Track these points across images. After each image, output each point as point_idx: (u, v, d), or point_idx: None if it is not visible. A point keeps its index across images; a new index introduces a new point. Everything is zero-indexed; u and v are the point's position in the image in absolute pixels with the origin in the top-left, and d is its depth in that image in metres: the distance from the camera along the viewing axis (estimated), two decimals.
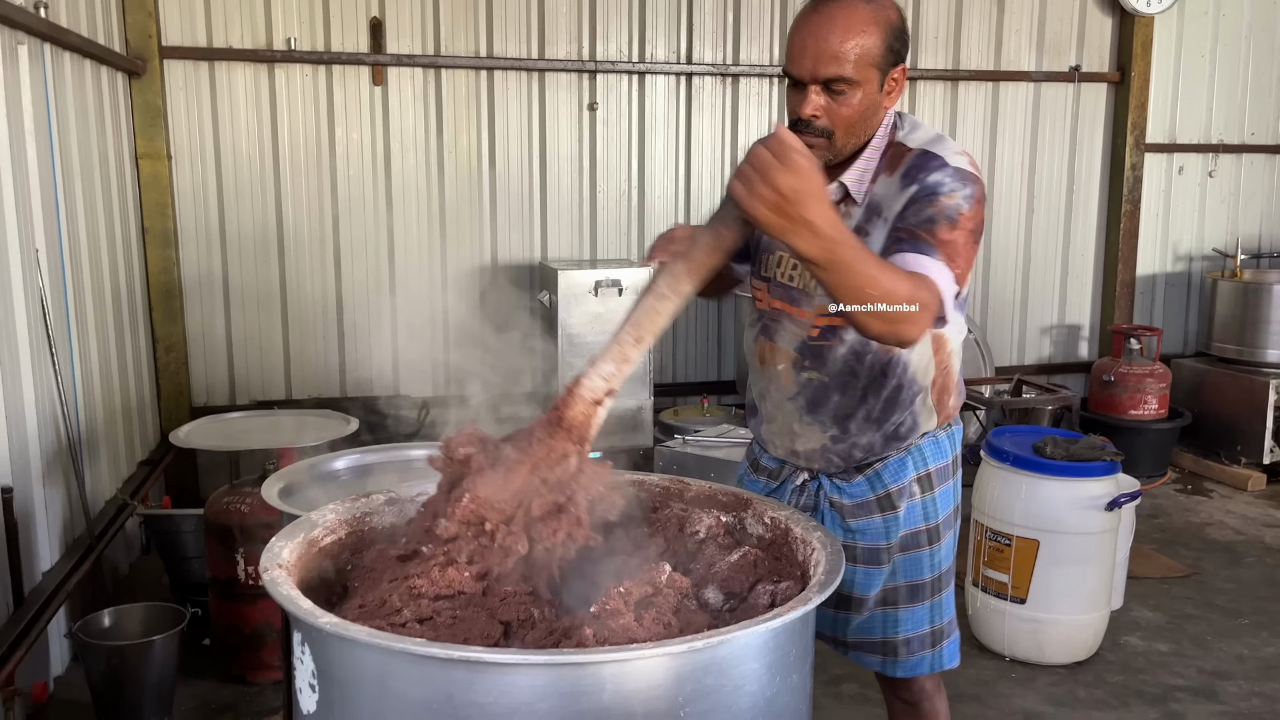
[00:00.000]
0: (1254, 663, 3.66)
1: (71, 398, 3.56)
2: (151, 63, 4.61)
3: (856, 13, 1.82)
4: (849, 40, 1.81)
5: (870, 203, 1.93)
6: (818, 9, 1.84)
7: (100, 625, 3.13)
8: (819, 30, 1.81)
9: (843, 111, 1.85)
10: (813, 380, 2.02)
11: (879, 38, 1.83)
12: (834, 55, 1.81)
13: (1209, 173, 6.33)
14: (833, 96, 1.84)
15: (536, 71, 5.21)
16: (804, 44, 1.83)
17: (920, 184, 1.84)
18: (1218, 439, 5.84)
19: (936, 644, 2.13)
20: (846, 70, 1.82)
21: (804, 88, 1.85)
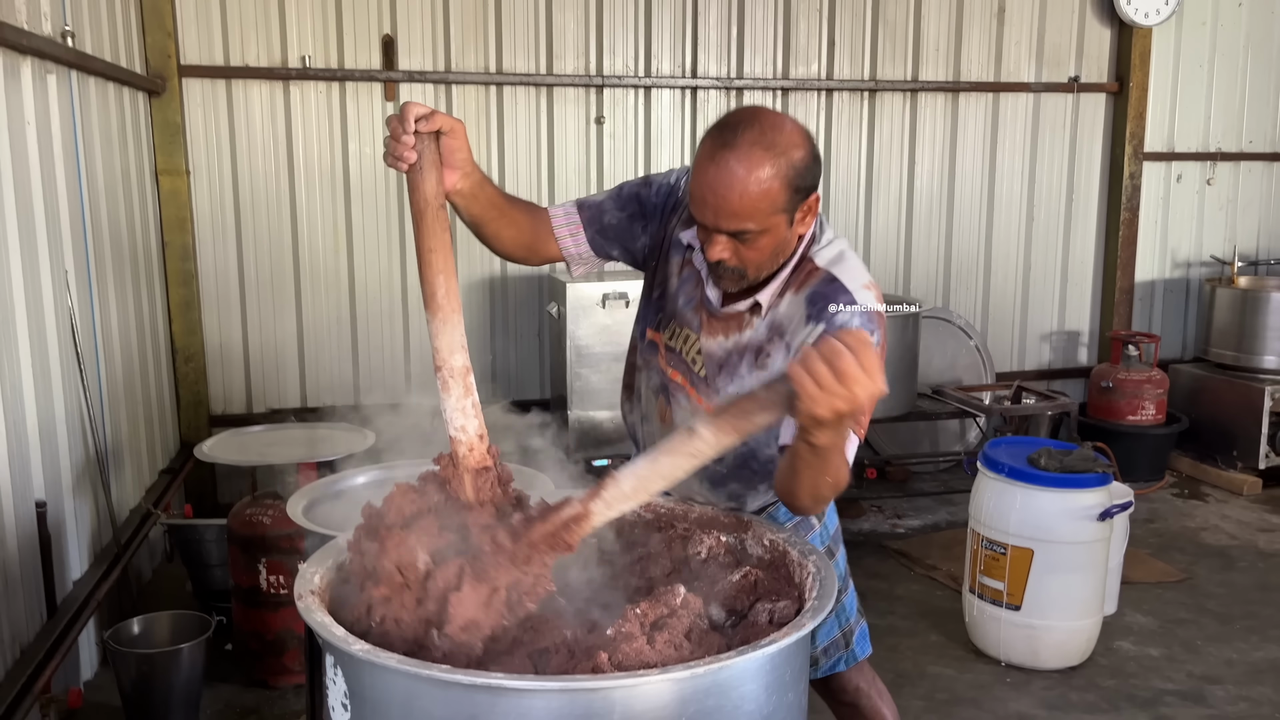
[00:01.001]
0: (1243, 667, 3.77)
1: (98, 411, 3.69)
2: (171, 81, 4.73)
3: (754, 167, 1.73)
4: (748, 197, 1.74)
5: (773, 320, 1.92)
6: (715, 160, 1.75)
7: (130, 633, 3.26)
8: (717, 187, 1.75)
9: (750, 254, 1.83)
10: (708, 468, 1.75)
11: (780, 185, 1.76)
12: (734, 212, 1.76)
13: (1207, 181, 6.42)
14: (740, 241, 1.81)
15: (545, 86, 5.32)
16: (703, 197, 1.77)
17: (828, 323, 1.82)
18: (1214, 444, 5.94)
19: (848, 644, 2.27)
20: (749, 224, 1.78)
21: (706, 228, 1.81)
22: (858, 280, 1.88)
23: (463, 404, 1.77)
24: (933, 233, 5.95)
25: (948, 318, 5.91)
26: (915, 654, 3.83)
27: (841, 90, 5.71)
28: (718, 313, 1.98)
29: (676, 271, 2.05)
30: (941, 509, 5.35)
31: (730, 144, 1.75)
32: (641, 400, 2.23)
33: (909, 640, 3.93)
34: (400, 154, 1.72)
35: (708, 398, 2.00)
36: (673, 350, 2.06)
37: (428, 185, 1.76)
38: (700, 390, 2.02)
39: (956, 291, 6.10)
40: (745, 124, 1.77)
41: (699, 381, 2.02)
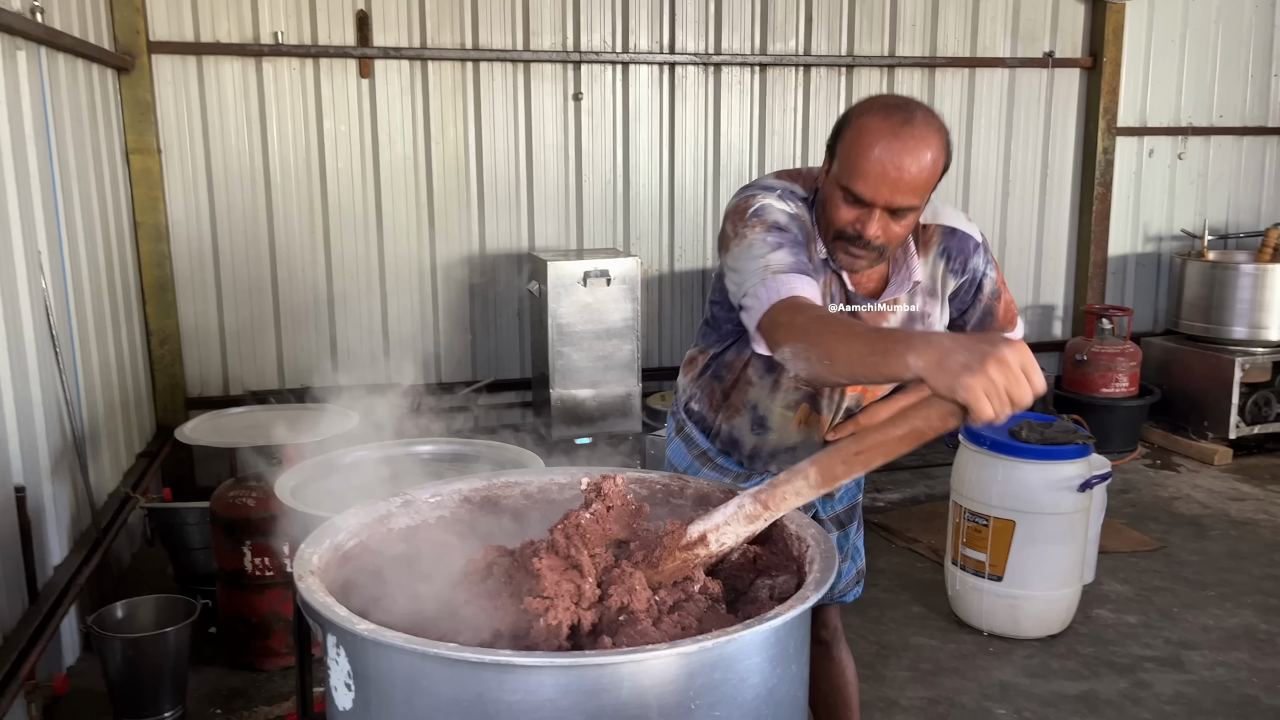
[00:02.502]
0: (1218, 633, 3.84)
1: (75, 395, 3.64)
2: (140, 59, 4.64)
3: (933, 144, 1.80)
4: (925, 173, 1.80)
5: (922, 287, 2.08)
6: (899, 134, 1.78)
7: (114, 617, 3.23)
8: (902, 162, 1.77)
9: (898, 230, 1.88)
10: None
11: (942, 164, 1.84)
12: (911, 187, 1.80)
13: (1178, 155, 6.48)
14: (894, 219, 1.85)
15: (521, 63, 5.28)
16: (884, 173, 1.78)
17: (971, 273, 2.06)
18: (1186, 415, 6.04)
19: (859, 580, 2.47)
20: (917, 200, 1.84)
21: (868, 207, 1.83)
22: (959, 219, 2.07)
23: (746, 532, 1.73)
24: None
25: None
26: (898, 625, 3.88)
27: (819, 66, 5.71)
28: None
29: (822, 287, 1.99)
30: (920, 482, 5.40)
31: (910, 121, 1.79)
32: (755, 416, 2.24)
33: (892, 612, 3.97)
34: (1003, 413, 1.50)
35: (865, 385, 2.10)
36: None
37: None
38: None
39: None
40: (914, 105, 1.84)
41: None
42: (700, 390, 2.36)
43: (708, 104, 5.60)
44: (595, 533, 1.68)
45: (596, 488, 1.75)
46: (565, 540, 1.62)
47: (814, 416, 2.20)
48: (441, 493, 2.11)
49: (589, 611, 1.56)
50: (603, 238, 5.55)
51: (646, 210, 5.59)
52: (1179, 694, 3.42)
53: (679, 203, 5.61)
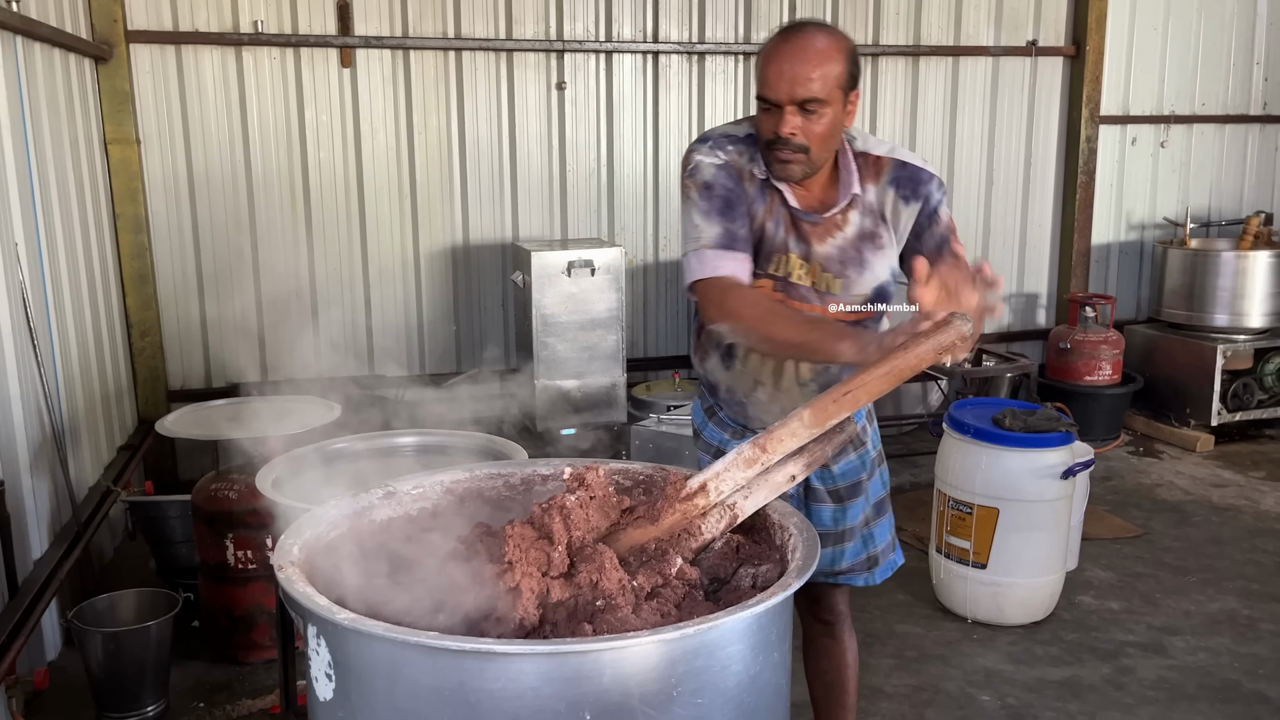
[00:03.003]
0: (1200, 618, 3.87)
1: (54, 388, 3.60)
2: (118, 48, 4.59)
3: (823, 42, 2.05)
4: (820, 66, 2.03)
5: (867, 209, 2.19)
6: (789, 39, 2.06)
7: (95, 611, 3.20)
8: (794, 57, 2.03)
9: (816, 129, 2.07)
10: (834, 368, 2.21)
11: (843, 64, 2.06)
12: (808, 79, 2.03)
13: (1161, 143, 6.51)
14: (806, 116, 2.05)
15: (504, 52, 5.25)
16: (780, 70, 2.04)
17: (923, 200, 2.18)
18: (1168, 402, 6.07)
19: (895, 547, 2.53)
20: (820, 92, 2.03)
21: (779, 110, 2.05)
22: (916, 159, 2.22)
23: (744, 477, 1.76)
24: None
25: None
26: (883, 613, 3.89)
27: None
28: (818, 220, 2.19)
29: (765, 215, 2.20)
30: (905, 471, 5.41)
31: (801, 27, 2.09)
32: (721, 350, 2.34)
33: (877, 600, 3.98)
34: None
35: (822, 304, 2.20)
36: (778, 278, 2.21)
37: None
38: (813, 300, 2.20)
39: None
40: (807, 22, 2.15)
41: (811, 294, 2.21)
42: (695, 342, 2.46)
43: (692, 93, 5.59)
44: (579, 516, 1.68)
45: (579, 478, 1.75)
46: (542, 512, 1.62)
47: None
48: (424, 484, 2.10)
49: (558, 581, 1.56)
50: (587, 228, 5.53)
51: (631, 200, 5.57)
52: (1161, 679, 3.45)
53: (663, 192, 5.59)
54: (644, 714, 1.44)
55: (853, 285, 2.20)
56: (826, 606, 2.52)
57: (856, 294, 2.20)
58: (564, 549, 1.59)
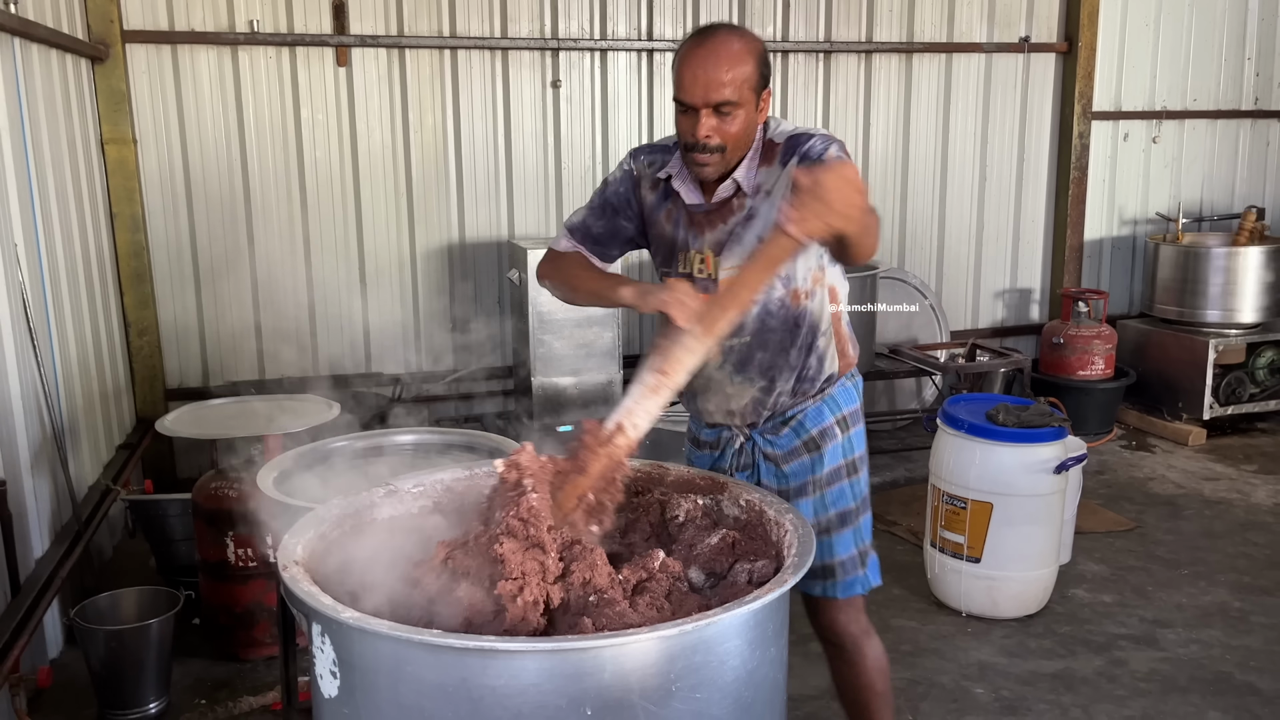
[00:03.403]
0: (1192, 611, 3.91)
1: (54, 387, 3.62)
2: (114, 48, 4.60)
3: (735, 46, 2.12)
4: (732, 70, 2.10)
5: (755, 187, 2.24)
6: (702, 44, 2.13)
7: (97, 610, 3.23)
8: (707, 62, 2.10)
9: (730, 129, 2.14)
10: (735, 345, 2.29)
11: (754, 65, 2.13)
12: (721, 83, 2.09)
13: (1153, 139, 6.54)
14: (721, 118, 2.12)
15: (499, 50, 5.26)
16: (694, 75, 2.11)
17: (801, 155, 2.18)
18: (1160, 396, 6.11)
19: (864, 564, 2.45)
20: (732, 95, 2.10)
21: (695, 113, 2.13)
22: (814, 128, 2.26)
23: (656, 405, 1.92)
24: (888, 194, 6.00)
25: (903, 278, 5.98)
26: (879, 607, 3.92)
27: (797, 52, 5.72)
28: (710, 207, 2.26)
29: (665, 219, 2.34)
30: (900, 466, 5.44)
31: (712, 32, 2.15)
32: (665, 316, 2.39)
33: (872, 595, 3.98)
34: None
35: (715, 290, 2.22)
36: (684, 276, 2.27)
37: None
38: (711, 289, 2.21)
39: (911, 252, 6.17)
40: (719, 25, 2.21)
41: (709, 284, 2.25)
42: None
43: None
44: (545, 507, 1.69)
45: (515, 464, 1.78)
46: (522, 523, 1.64)
47: None
48: (424, 483, 2.13)
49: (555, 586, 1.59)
50: None
51: None
52: (1154, 671, 3.48)
53: None
54: (644, 709, 1.48)
55: (725, 261, 2.26)
56: (825, 625, 2.49)
57: (728, 266, 2.24)
58: (556, 554, 1.62)
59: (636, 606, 1.57)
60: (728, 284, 2.02)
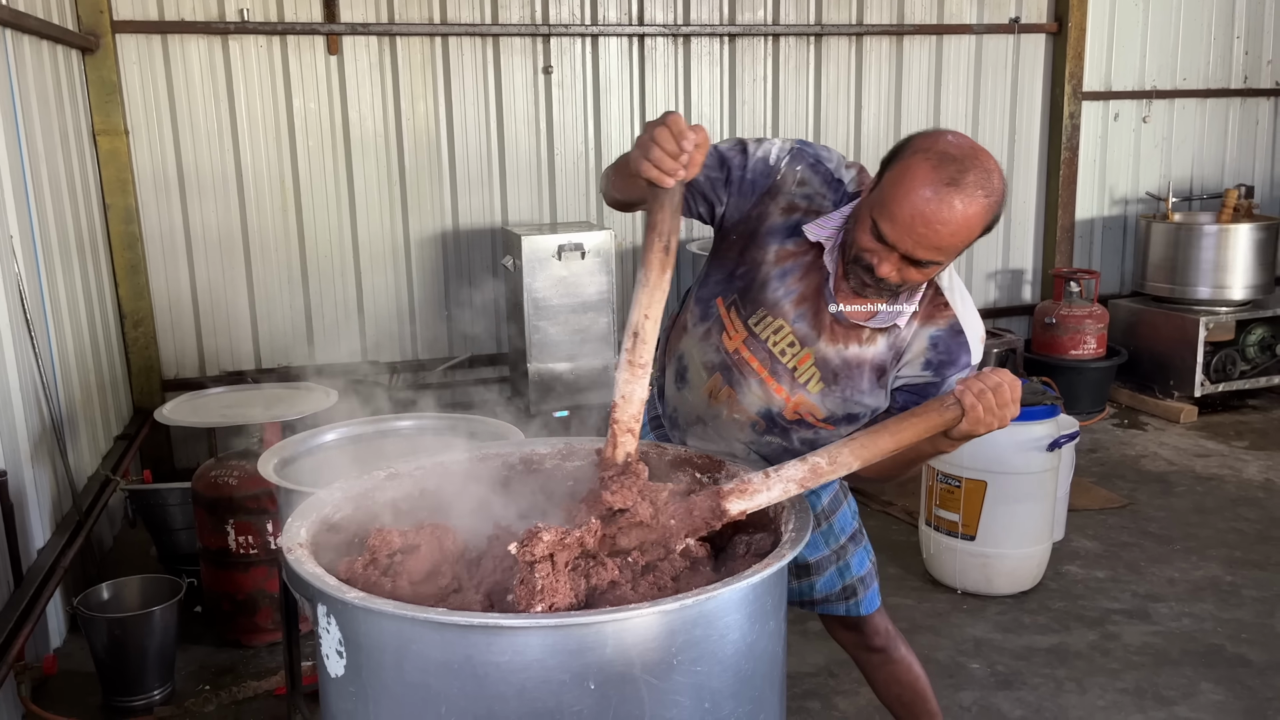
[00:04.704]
0: (1184, 585, 3.95)
1: (51, 379, 3.63)
2: (104, 38, 4.60)
3: (973, 211, 1.73)
4: (957, 238, 1.75)
5: (894, 342, 1.96)
6: (939, 195, 1.72)
7: (100, 598, 3.25)
8: (934, 221, 1.72)
9: (917, 278, 1.84)
10: (772, 444, 2.10)
11: (983, 226, 1.78)
12: (937, 248, 1.76)
13: (1143, 119, 6.56)
14: (915, 266, 1.80)
15: (491, 36, 5.26)
16: (910, 224, 1.74)
17: (938, 383, 1.95)
18: (1152, 375, 6.15)
19: (876, 577, 2.41)
20: (944, 258, 1.80)
21: (889, 247, 1.79)
22: (976, 334, 1.98)
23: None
24: None
25: None
26: None
27: (788, 35, 5.72)
28: (844, 322, 1.96)
29: (774, 259, 1.98)
30: None
31: (958, 183, 1.72)
32: (679, 366, 2.20)
33: None
34: (674, 171, 1.62)
35: (790, 390, 2.02)
36: (754, 335, 2.02)
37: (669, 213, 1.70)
38: (783, 380, 2.02)
39: None
40: (970, 163, 1.74)
41: (784, 372, 2.01)
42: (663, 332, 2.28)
43: (677, 75, 5.61)
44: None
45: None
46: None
47: (725, 391, 2.10)
48: (426, 465, 2.15)
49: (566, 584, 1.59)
50: (575, 211, 5.57)
51: None
52: (1146, 644, 3.53)
53: None
54: (646, 683, 1.50)
55: (828, 400, 2.01)
56: (870, 633, 2.42)
57: (829, 408, 2.01)
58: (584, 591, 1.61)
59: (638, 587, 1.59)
60: (868, 438, 1.72)
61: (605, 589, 1.57)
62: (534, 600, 1.51)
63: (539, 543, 1.52)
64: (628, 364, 1.76)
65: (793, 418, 2.05)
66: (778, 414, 2.06)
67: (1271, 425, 5.86)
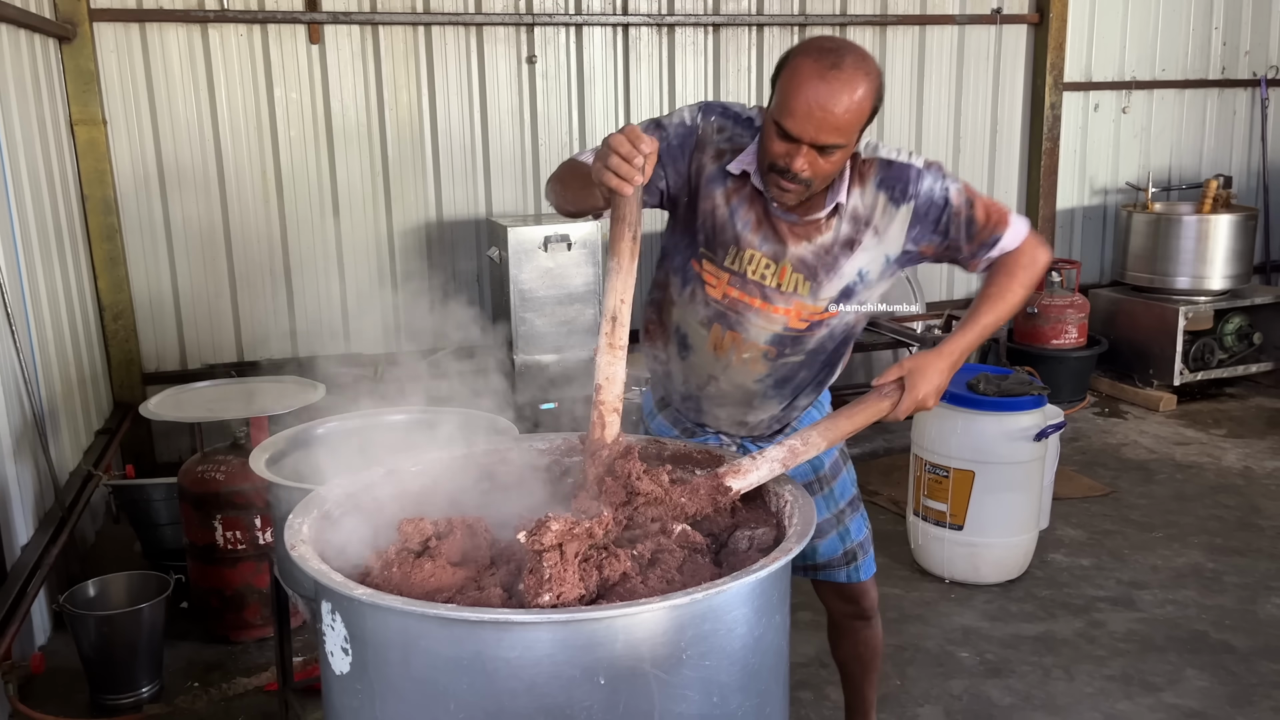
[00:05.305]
0: (1167, 573, 4.00)
1: (32, 372, 3.58)
2: (82, 27, 4.52)
3: (859, 86, 1.89)
4: (851, 113, 1.90)
5: (854, 214, 2.10)
6: (825, 76, 1.88)
7: (86, 596, 3.22)
8: (827, 104, 1.88)
9: (826, 167, 1.97)
10: (788, 363, 2.21)
11: (870, 105, 1.93)
12: (836, 127, 1.90)
13: (1123, 109, 6.61)
14: (822, 155, 1.94)
15: (474, 26, 5.22)
16: (808, 112, 1.89)
17: (915, 199, 2.09)
18: (1132, 364, 6.21)
19: (872, 545, 2.53)
20: (842, 139, 1.93)
21: (796, 144, 1.93)
22: (898, 154, 2.12)
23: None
24: None
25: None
26: None
27: (772, 25, 5.71)
28: (798, 222, 2.10)
29: (722, 201, 2.13)
30: (879, 436, 5.51)
31: (838, 65, 1.89)
32: (678, 337, 2.28)
33: None
34: (631, 176, 1.77)
35: (786, 304, 2.15)
36: (734, 273, 2.15)
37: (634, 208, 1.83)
38: (777, 301, 2.15)
39: None
40: (845, 50, 1.93)
41: (775, 293, 2.15)
42: (643, 319, 2.39)
43: (662, 65, 5.59)
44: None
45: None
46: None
47: (728, 336, 2.19)
48: (424, 461, 2.13)
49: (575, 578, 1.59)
50: None
51: None
52: (1131, 631, 3.57)
53: None
54: (656, 677, 1.50)
55: (821, 289, 2.15)
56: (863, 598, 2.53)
57: (824, 297, 2.15)
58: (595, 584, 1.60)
59: (648, 581, 1.59)
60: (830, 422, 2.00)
61: (617, 581, 1.57)
62: (541, 590, 1.50)
63: (547, 532, 1.51)
64: (608, 347, 1.88)
65: (801, 325, 2.17)
66: (785, 331, 2.18)
67: (1249, 413, 5.93)
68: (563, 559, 1.51)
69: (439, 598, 1.57)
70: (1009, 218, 2.17)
